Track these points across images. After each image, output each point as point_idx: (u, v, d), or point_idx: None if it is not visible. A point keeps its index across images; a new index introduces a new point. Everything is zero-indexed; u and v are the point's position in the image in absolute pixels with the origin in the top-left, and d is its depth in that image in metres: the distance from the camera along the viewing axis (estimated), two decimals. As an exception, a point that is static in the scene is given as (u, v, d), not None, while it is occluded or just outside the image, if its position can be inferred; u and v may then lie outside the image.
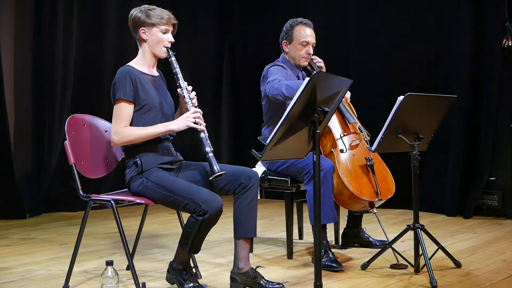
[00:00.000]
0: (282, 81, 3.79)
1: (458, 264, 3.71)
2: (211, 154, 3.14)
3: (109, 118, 3.68)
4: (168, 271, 3.23)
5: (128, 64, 3.34)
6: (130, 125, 3.22)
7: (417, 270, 3.57)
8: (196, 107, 3.25)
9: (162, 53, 3.32)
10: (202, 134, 3.17)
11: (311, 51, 4.11)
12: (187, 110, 3.27)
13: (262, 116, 4.15)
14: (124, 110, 3.21)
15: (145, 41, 3.31)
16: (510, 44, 5.42)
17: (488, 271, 3.64)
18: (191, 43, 6.91)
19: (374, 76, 6.21)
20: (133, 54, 6.22)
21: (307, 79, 2.75)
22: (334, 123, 4.11)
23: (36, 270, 3.70)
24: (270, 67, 4.03)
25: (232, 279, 3.24)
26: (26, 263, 3.87)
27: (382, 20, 6.18)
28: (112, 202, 3.17)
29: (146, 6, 3.34)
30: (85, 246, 4.17)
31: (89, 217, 3.28)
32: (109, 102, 6.46)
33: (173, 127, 3.19)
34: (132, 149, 3.24)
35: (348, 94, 4.22)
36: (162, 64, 3.50)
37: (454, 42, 5.76)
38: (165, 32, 3.30)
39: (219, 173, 3.11)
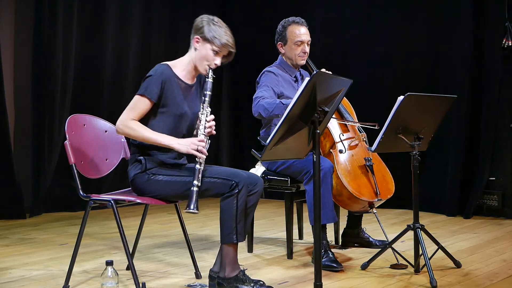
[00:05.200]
0: (260, 101, 3.81)
1: (458, 264, 3.71)
2: (196, 189, 3.04)
3: (109, 118, 3.68)
4: (218, 284, 3.18)
5: (168, 63, 3.27)
6: (145, 117, 3.19)
7: (417, 270, 3.57)
8: (206, 136, 3.15)
9: (203, 70, 3.26)
10: (197, 166, 3.08)
11: (307, 49, 4.10)
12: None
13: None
14: (140, 104, 3.17)
15: (195, 49, 3.26)
16: (510, 44, 5.42)
17: (488, 271, 3.64)
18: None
19: (374, 76, 6.21)
20: (133, 54, 6.21)
21: (307, 79, 2.75)
22: (333, 124, 4.11)
23: (36, 270, 3.70)
24: (262, 73, 4.06)
25: (211, 278, 3.25)
26: (26, 263, 3.86)
27: (382, 20, 6.18)
28: (112, 202, 3.16)
29: (215, 19, 3.28)
30: (85, 246, 4.17)
31: (89, 217, 3.27)
32: (109, 102, 6.45)
33: (176, 146, 3.12)
34: (139, 146, 3.22)
35: None
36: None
37: (454, 42, 5.76)
38: (216, 53, 3.23)
39: (192, 211, 3.01)
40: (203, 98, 3.20)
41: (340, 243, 4.35)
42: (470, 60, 5.62)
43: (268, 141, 2.81)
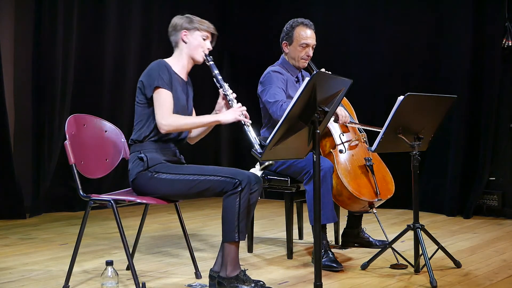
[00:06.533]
0: (283, 105, 3.81)
1: (458, 264, 3.71)
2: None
3: (109, 118, 3.68)
4: (218, 284, 3.18)
5: (164, 59, 3.36)
6: (152, 109, 3.24)
7: (417, 270, 3.57)
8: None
9: (200, 57, 3.39)
10: (247, 128, 3.18)
11: (311, 53, 4.10)
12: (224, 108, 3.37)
13: (262, 118, 4.16)
14: (166, 97, 3.22)
15: (185, 43, 3.38)
16: (510, 44, 5.42)
17: (488, 271, 3.64)
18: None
19: (374, 76, 6.21)
20: (133, 53, 6.20)
21: (307, 79, 2.75)
22: (334, 124, 4.11)
23: (36, 270, 3.70)
24: (267, 73, 4.04)
25: (212, 277, 3.25)
26: (26, 263, 3.87)
27: (382, 20, 6.18)
28: (112, 202, 3.16)
29: (188, 14, 3.45)
30: (85, 246, 4.17)
31: (89, 217, 3.27)
32: (109, 102, 6.42)
33: (221, 118, 3.23)
34: (138, 144, 3.25)
35: (347, 118, 4.04)
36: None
37: (454, 42, 5.76)
38: (205, 39, 3.40)
39: (268, 163, 3.10)
40: (214, 79, 3.37)
41: (340, 243, 4.35)
42: (470, 60, 5.62)
43: (268, 141, 2.81)
